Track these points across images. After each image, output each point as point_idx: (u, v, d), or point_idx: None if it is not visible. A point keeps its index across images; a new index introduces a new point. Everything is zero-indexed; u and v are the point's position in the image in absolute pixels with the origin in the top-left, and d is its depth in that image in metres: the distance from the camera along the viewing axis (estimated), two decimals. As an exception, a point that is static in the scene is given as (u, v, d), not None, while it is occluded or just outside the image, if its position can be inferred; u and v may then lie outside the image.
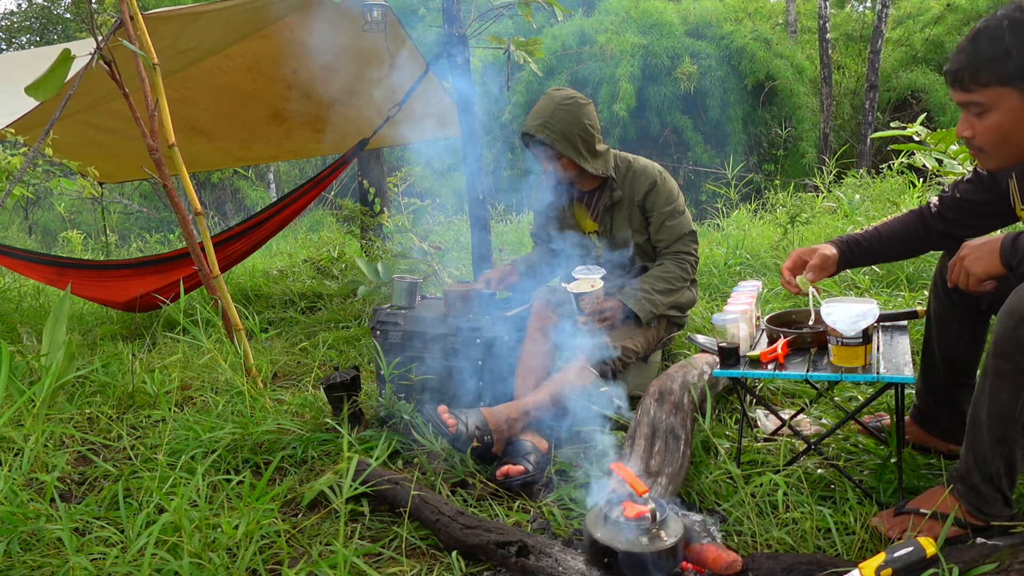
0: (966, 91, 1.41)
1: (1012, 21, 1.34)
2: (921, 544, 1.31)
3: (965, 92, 1.42)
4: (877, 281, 3.41)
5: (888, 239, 1.82)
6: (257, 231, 4.15)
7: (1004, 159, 1.47)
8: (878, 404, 2.24)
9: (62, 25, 14.17)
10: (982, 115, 1.42)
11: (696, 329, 2.99)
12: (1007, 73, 1.35)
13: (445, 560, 1.65)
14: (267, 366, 3.03)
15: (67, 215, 10.96)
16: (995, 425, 1.42)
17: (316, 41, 3.86)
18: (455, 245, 5.55)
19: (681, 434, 1.93)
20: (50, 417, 2.47)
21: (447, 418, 2.07)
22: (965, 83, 1.41)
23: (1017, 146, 1.43)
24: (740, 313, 1.86)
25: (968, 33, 1.43)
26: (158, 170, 2.56)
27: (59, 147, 4.22)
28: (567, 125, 2.45)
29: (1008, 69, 1.34)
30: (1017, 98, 1.36)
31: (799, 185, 7.09)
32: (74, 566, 1.52)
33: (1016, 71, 1.34)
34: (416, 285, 2.72)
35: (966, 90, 1.41)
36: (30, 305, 4.93)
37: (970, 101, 1.42)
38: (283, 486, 1.97)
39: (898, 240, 1.82)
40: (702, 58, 9.37)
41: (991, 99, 1.38)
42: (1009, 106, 1.37)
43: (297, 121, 4.87)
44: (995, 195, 1.68)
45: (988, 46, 1.35)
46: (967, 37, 1.42)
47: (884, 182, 5.53)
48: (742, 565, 1.47)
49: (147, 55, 2.46)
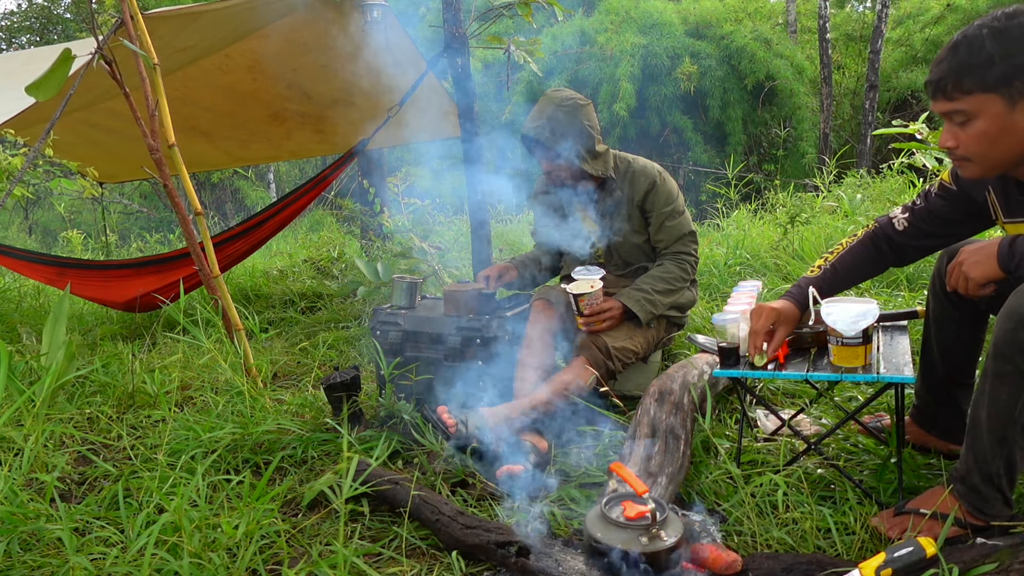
0: (949, 100, 1.41)
1: (992, 29, 1.34)
2: (921, 544, 1.32)
3: (948, 101, 1.41)
4: (877, 281, 3.40)
5: (845, 275, 1.82)
6: (257, 231, 4.15)
7: (988, 167, 1.46)
8: (878, 404, 2.24)
9: (62, 25, 14.17)
10: (966, 124, 1.41)
11: (696, 329, 2.99)
12: (990, 80, 1.34)
13: (445, 560, 1.65)
14: (267, 366, 3.03)
15: (67, 215, 10.96)
16: (995, 426, 1.42)
17: (316, 41, 3.87)
18: (455, 245, 5.55)
19: (681, 434, 1.93)
20: (50, 417, 2.47)
21: (447, 418, 2.08)
22: (948, 91, 1.40)
23: (1002, 153, 1.41)
24: (740, 313, 1.86)
25: (946, 44, 1.43)
26: (158, 170, 2.56)
27: (59, 147, 4.22)
28: (566, 127, 2.45)
29: (991, 76, 1.34)
30: (1001, 104, 1.36)
31: (799, 185, 7.09)
32: (74, 566, 1.52)
33: (999, 77, 1.34)
34: (416, 285, 2.72)
35: (949, 99, 1.41)
36: (30, 305, 4.93)
37: (954, 110, 1.41)
38: (283, 486, 1.97)
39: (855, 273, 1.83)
40: (702, 58, 9.37)
41: (975, 106, 1.38)
42: (993, 112, 1.37)
43: (297, 121, 4.87)
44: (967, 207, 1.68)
45: (969, 54, 1.36)
46: (946, 48, 1.42)
47: (884, 182, 5.53)
48: (742, 565, 1.47)
49: (148, 55, 2.47)
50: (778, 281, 3.70)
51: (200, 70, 4.10)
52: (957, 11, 10.20)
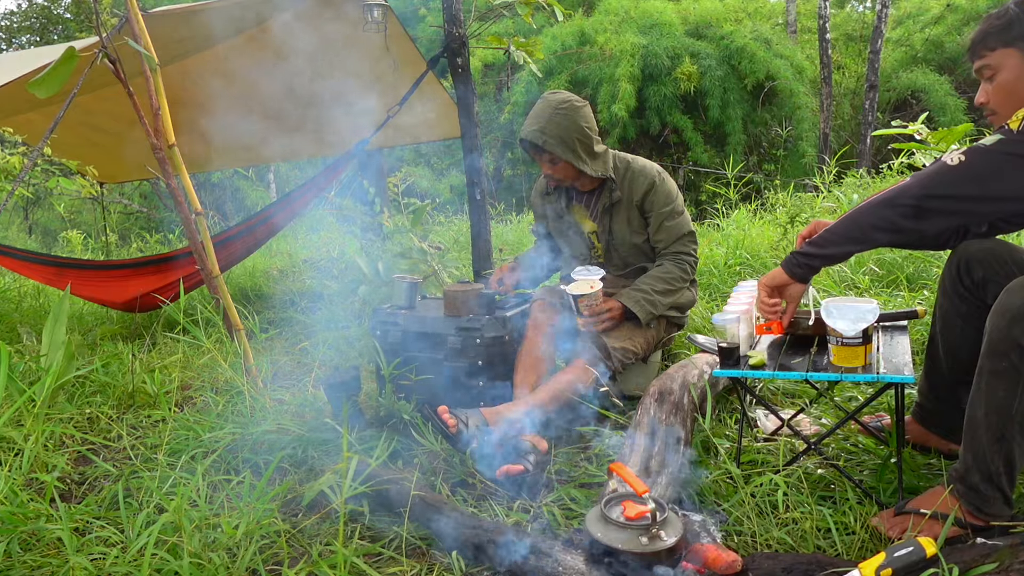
0: (978, 57, 1.60)
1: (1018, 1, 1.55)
2: (921, 544, 1.32)
3: (978, 58, 1.60)
4: (877, 281, 3.41)
5: None
6: (257, 231, 4.15)
7: None
8: (878, 404, 2.24)
9: (62, 25, 14.17)
10: (992, 78, 1.58)
11: (696, 329, 2.99)
12: (1010, 36, 1.54)
13: (445, 560, 1.65)
14: (267, 366, 3.03)
15: (67, 215, 10.94)
16: (993, 424, 1.42)
17: (316, 41, 3.86)
18: (455, 245, 5.55)
19: (681, 434, 1.93)
20: (50, 417, 2.47)
21: (447, 418, 2.08)
22: (977, 50, 1.60)
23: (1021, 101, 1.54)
24: (740, 313, 1.86)
25: None
26: (161, 169, 2.56)
27: (58, 147, 4.22)
28: (564, 129, 2.45)
29: (1011, 33, 1.53)
30: (1018, 56, 1.54)
31: (799, 185, 7.09)
32: (74, 566, 1.52)
33: (1018, 34, 1.53)
34: (416, 285, 2.72)
35: (978, 56, 1.60)
36: (30, 305, 4.93)
37: (983, 65, 1.59)
38: (283, 486, 1.97)
39: None
40: (702, 58, 9.37)
41: (997, 60, 1.56)
42: (1012, 64, 1.54)
43: (297, 121, 4.87)
44: None
45: (995, 18, 1.57)
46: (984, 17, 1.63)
47: (884, 182, 5.52)
48: (742, 565, 1.47)
49: (150, 55, 2.47)
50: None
51: (198, 71, 4.10)
52: (957, 11, 10.19)
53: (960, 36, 9.97)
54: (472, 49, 3.56)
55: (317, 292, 4.76)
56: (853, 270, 3.52)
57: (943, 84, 9.30)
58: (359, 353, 3.40)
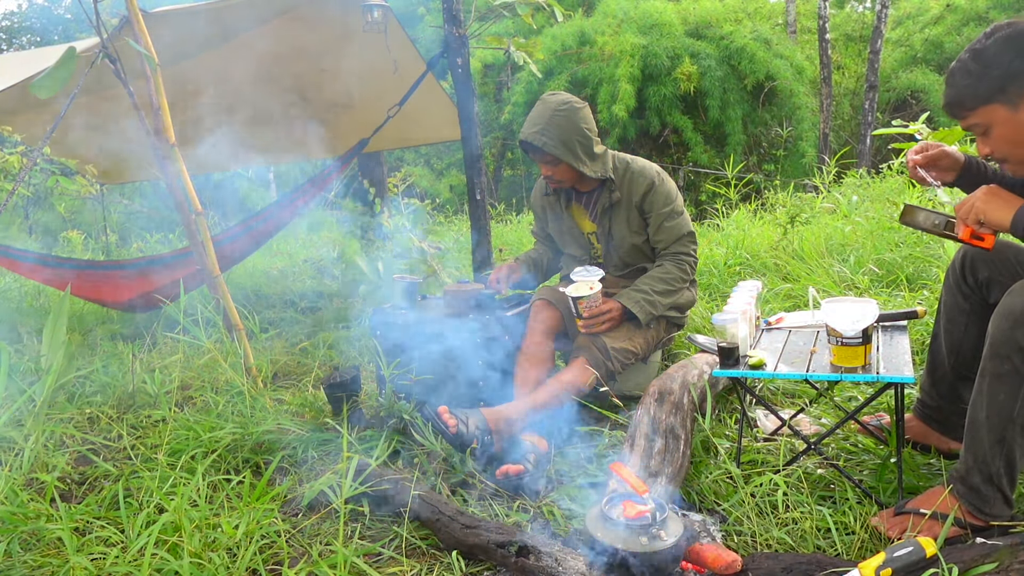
0: (963, 118, 1.57)
1: (972, 52, 1.51)
2: (921, 544, 1.32)
3: (963, 119, 1.57)
4: (877, 281, 3.41)
5: None
6: (257, 231, 4.14)
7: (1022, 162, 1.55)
8: (878, 404, 2.24)
9: (62, 25, 14.17)
10: (986, 133, 1.54)
11: (696, 329, 2.99)
12: (984, 93, 1.50)
13: (445, 560, 1.65)
14: (267, 366, 3.03)
15: (67, 215, 10.94)
16: (994, 425, 1.42)
17: (315, 41, 3.86)
18: (455, 245, 5.55)
19: (681, 434, 1.93)
20: (50, 417, 2.47)
21: (447, 418, 2.08)
22: (957, 112, 1.57)
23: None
24: (740, 313, 1.86)
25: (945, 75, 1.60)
26: (163, 169, 2.56)
27: (58, 146, 4.22)
28: (564, 131, 2.45)
29: (983, 90, 1.50)
30: (1004, 110, 1.50)
31: (799, 185, 7.09)
32: (74, 566, 1.52)
33: (989, 89, 1.49)
34: (416, 285, 2.72)
35: (962, 117, 1.57)
36: (30, 305, 4.93)
37: (971, 124, 1.56)
38: (283, 486, 1.97)
39: None
40: (702, 58, 9.38)
41: (984, 118, 1.52)
42: (1001, 118, 1.50)
43: (297, 121, 4.87)
44: None
45: (961, 77, 1.53)
46: (945, 79, 1.60)
47: (884, 182, 5.52)
48: (742, 565, 1.47)
49: (151, 56, 2.47)
50: (778, 281, 3.70)
51: (198, 71, 4.10)
52: (957, 11, 10.21)
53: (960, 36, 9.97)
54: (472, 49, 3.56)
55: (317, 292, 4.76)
56: (853, 270, 3.52)
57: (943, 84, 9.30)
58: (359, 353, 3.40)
